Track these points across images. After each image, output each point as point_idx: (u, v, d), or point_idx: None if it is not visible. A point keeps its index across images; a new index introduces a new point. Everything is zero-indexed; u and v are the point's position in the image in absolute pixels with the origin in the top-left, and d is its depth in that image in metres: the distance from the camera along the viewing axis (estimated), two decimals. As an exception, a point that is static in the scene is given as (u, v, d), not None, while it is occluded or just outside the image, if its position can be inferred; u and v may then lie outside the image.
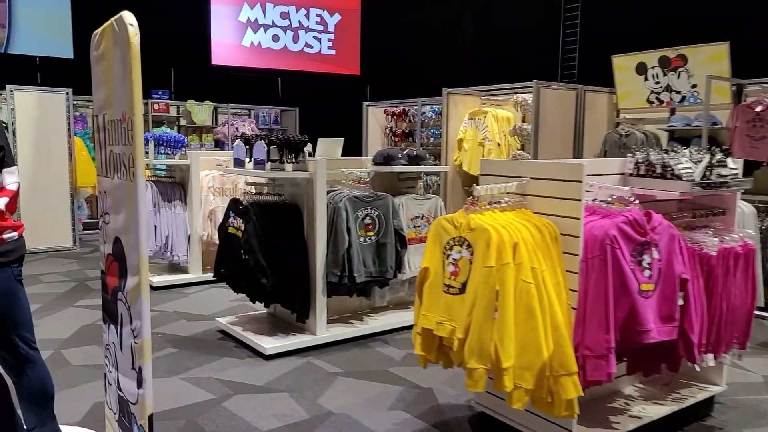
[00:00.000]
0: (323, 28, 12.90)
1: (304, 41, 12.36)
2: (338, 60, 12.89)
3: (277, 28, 12.11)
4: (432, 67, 11.80)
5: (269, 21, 12.06)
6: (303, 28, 12.53)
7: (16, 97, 7.16)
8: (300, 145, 4.08)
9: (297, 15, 12.34)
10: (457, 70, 10.72)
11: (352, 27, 13.15)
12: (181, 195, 5.94)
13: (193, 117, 10.07)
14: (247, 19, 11.68)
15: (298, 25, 12.51)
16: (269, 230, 4.02)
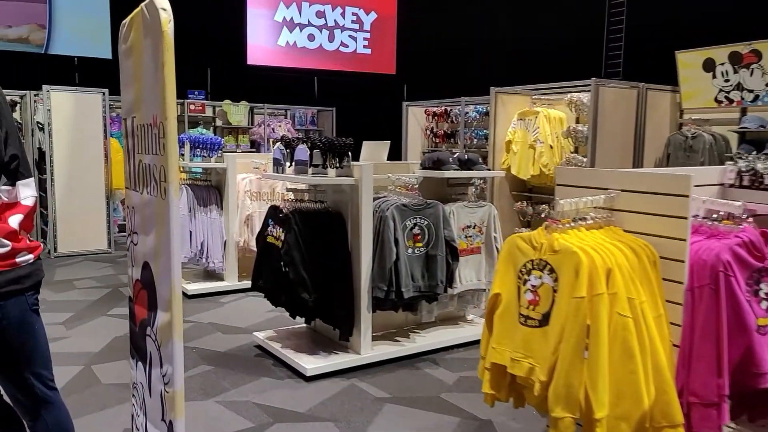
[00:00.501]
0: (359, 26, 12.76)
1: (340, 40, 12.23)
2: (374, 59, 12.75)
3: (313, 27, 12.01)
4: (472, 66, 11.43)
5: (305, 20, 11.97)
6: (339, 27, 12.42)
7: (53, 97, 7.05)
8: (345, 148, 3.77)
9: (333, 14, 12.18)
10: (497, 69, 10.33)
11: (388, 26, 13.01)
12: (217, 199, 5.71)
13: (229, 117, 9.89)
14: (282, 19, 11.59)
15: (334, 24, 12.41)
16: (311, 241, 3.72)
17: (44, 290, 5.39)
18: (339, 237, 3.83)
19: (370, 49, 12.72)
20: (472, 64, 11.31)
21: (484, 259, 4.35)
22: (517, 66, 9.96)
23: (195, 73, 10.55)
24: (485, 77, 7.39)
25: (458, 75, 11.42)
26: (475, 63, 11.26)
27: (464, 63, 11.42)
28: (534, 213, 6.33)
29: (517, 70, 9.01)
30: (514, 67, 9.88)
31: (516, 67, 9.95)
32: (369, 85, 12.35)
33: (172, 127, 1.41)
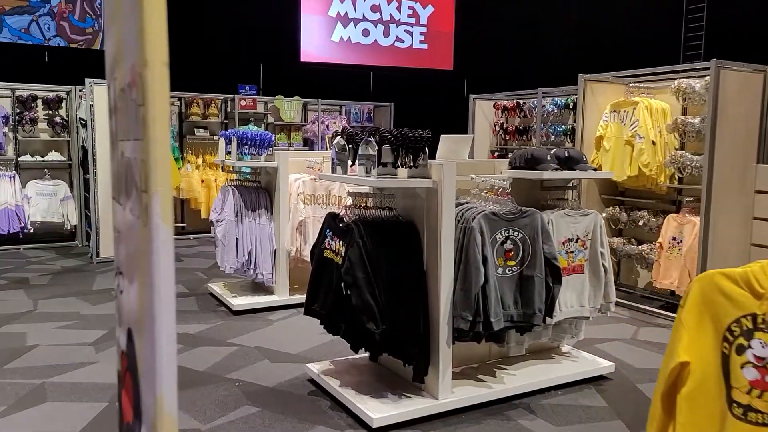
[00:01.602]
0: (415, 21, 12.29)
1: (395, 35, 11.74)
2: (431, 55, 12.24)
3: (368, 22, 11.58)
4: (538, 57, 10.58)
5: (359, 15, 11.55)
6: (394, 22, 11.97)
7: (96, 91, 6.60)
8: (421, 143, 3.02)
9: (388, 8, 11.69)
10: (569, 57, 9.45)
11: (446, 19, 12.46)
12: (267, 202, 5.07)
13: (282, 114, 9.32)
14: (337, 14, 11.18)
15: (389, 18, 11.97)
16: (379, 258, 2.99)
17: (80, 302, 4.87)
18: (412, 253, 3.09)
19: (427, 44, 12.24)
20: (538, 55, 10.45)
21: (588, 280, 3.52)
22: (584, 54, 9.07)
23: (247, 68, 10.12)
24: (557, 67, 6.59)
25: (525, 67, 10.54)
26: (540, 54, 10.40)
27: (526, 55, 10.59)
28: (629, 221, 5.42)
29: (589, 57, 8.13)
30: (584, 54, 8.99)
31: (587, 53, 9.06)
32: (426, 81, 11.71)
33: (158, 83, 0.69)
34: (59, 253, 7.24)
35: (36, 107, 7.63)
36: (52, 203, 7.56)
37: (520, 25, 11.22)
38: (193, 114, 8.58)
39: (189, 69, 9.34)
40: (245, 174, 5.37)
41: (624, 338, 4.38)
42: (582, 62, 7.14)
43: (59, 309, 4.90)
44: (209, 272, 6.30)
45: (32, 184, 7.50)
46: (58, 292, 5.43)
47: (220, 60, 9.82)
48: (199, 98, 8.64)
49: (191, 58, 9.39)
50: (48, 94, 7.64)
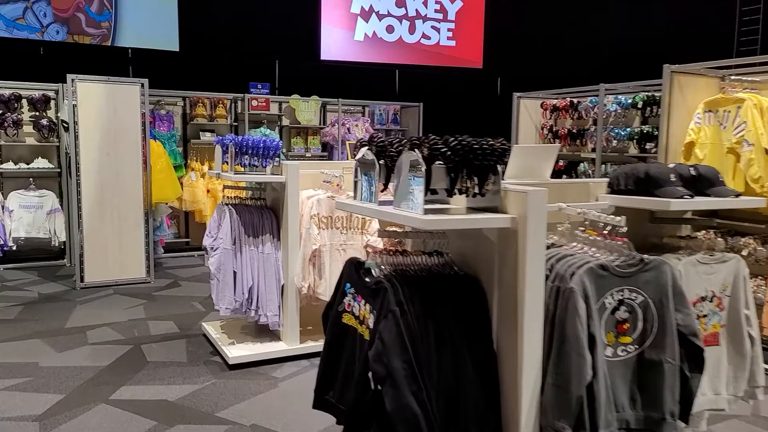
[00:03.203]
0: (443, 16, 11.59)
1: (421, 32, 11.01)
2: (459, 52, 11.48)
3: (392, 17, 10.84)
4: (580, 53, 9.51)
5: (384, 10, 10.79)
6: (420, 17, 11.22)
7: (80, 89, 5.66)
8: (492, 158, 1.95)
9: (414, 3, 10.97)
10: (603, 55, 8.38)
11: (475, 14, 11.64)
12: (273, 226, 4.05)
13: (298, 115, 8.32)
14: (360, 9, 10.41)
15: (415, 13, 11.27)
16: (428, 336, 1.94)
17: (44, 346, 3.88)
18: (478, 328, 2.03)
19: (455, 40, 11.45)
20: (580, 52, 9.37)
21: (726, 356, 2.43)
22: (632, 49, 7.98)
23: (260, 65, 9.18)
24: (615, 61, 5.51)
25: (574, 63, 9.42)
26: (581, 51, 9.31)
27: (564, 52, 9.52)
28: (727, 248, 4.28)
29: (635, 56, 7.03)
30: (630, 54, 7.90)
31: (632, 51, 7.96)
32: (455, 79, 10.77)
33: None
34: (42, 275, 6.32)
35: (20, 108, 6.74)
36: (38, 217, 6.66)
37: (561, 17, 10.14)
38: (198, 115, 7.62)
39: (194, 65, 8.43)
40: (247, 189, 4.36)
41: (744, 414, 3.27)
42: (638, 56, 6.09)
43: (15, 357, 3.94)
44: (208, 304, 5.30)
45: (14, 195, 6.59)
46: (23, 331, 4.48)
47: (230, 56, 8.89)
48: (205, 98, 7.69)
49: (197, 52, 8.49)
50: (34, 93, 6.74)
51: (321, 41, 9.89)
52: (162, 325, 4.67)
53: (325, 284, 3.94)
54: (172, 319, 4.84)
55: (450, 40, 11.53)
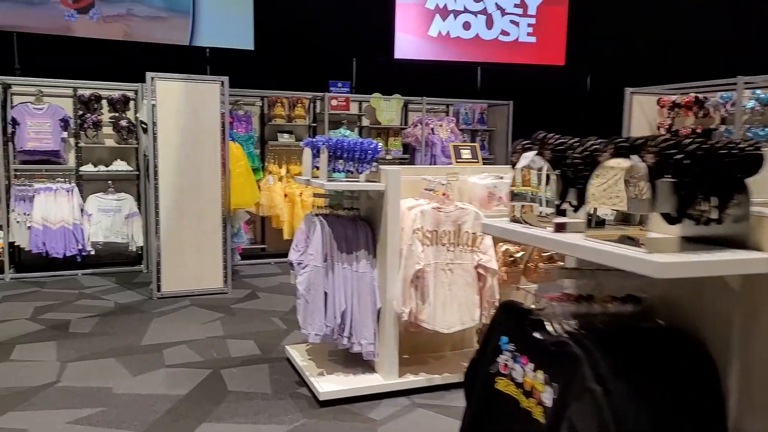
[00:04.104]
0: (523, 11, 10.79)
1: (500, 28, 10.33)
2: (539, 48, 10.75)
3: (469, 13, 10.25)
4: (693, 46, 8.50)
5: (460, 6, 10.22)
6: (499, 11, 10.45)
7: (159, 88, 5.36)
8: (745, 169, 1.33)
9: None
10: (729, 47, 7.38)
11: (558, 7, 10.83)
12: (369, 241, 3.53)
13: (378, 115, 7.84)
14: (435, 6, 9.91)
15: (495, 8, 10.52)
16: (639, 421, 1.34)
17: (119, 368, 3.33)
18: (709, 411, 1.41)
19: (536, 36, 10.67)
20: (697, 43, 8.36)
21: None
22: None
23: (340, 64, 8.79)
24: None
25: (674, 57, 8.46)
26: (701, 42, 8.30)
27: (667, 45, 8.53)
28: None
29: None
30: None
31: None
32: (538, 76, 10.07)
33: None
34: (120, 281, 6.10)
35: (100, 108, 6.57)
36: (116, 221, 6.46)
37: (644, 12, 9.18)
38: (276, 116, 7.25)
39: (270, 64, 8.12)
40: (337, 197, 3.87)
41: None
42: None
43: (89, 380, 3.60)
44: (289, 320, 4.87)
45: (93, 198, 6.42)
46: (98, 347, 4.17)
47: (305, 54, 8.54)
48: (284, 97, 7.31)
49: (271, 51, 8.18)
50: (113, 94, 6.56)
51: (395, 38, 9.45)
52: (242, 346, 4.26)
53: (429, 310, 3.38)
54: (252, 338, 4.42)
55: (530, 36, 10.82)
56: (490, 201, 3.64)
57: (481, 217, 3.48)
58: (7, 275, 6.05)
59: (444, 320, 3.42)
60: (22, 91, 6.32)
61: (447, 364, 3.79)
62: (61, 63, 7.25)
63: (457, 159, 3.92)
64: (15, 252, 6.29)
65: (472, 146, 3.97)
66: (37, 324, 4.66)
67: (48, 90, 6.34)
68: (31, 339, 4.32)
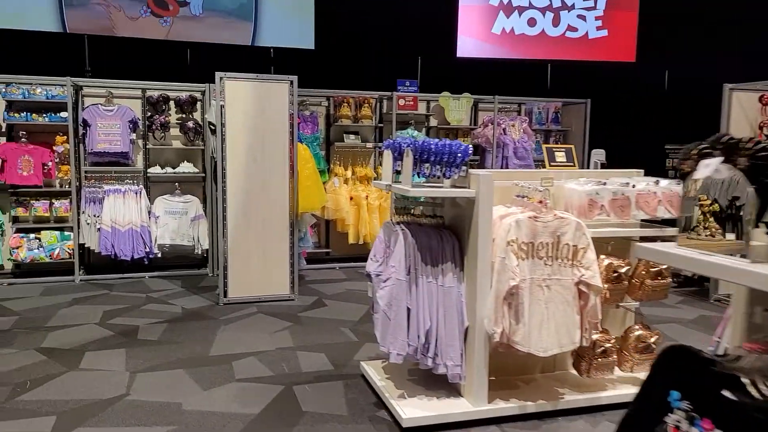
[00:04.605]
0: (593, 4, 10.22)
1: (567, 23, 9.82)
2: (609, 43, 10.18)
3: (535, 9, 9.84)
4: None
5: (525, 2, 9.75)
6: (566, 8, 9.99)
7: (227, 88, 5.21)
8: None
9: None
10: None
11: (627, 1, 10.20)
12: (455, 252, 3.22)
13: (447, 115, 7.51)
14: (499, 2, 9.53)
15: (561, 4, 10.02)
16: None
17: (188, 380, 3.07)
18: None
19: (606, 30, 10.11)
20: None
21: None
22: None
23: (405, 62, 8.53)
24: None
25: None
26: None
27: None
28: None
29: None
30: None
31: None
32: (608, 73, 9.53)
33: None
34: (186, 285, 6.01)
35: (168, 110, 6.52)
36: (182, 223, 6.39)
37: None
38: (342, 116, 7.04)
39: (334, 63, 7.94)
40: (416, 205, 3.57)
41: None
42: None
43: (158, 394, 3.44)
44: (360, 332, 4.62)
45: (160, 200, 6.38)
46: (166, 357, 4.03)
47: (367, 53, 8.33)
48: (350, 97, 7.09)
49: (335, 50, 8.01)
50: (181, 95, 6.50)
51: (457, 37, 9.12)
52: (313, 359, 4.02)
53: (524, 330, 3.04)
54: (323, 351, 4.18)
55: (599, 30, 10.27)
56: (591, 210, 3.26)
57: (583, 227, 3.12)
58: (77, 277, 6.06)
59: (540, 342, 3.08)
60: (93, 93, 6.34)
61: (538, 388, 3.44)
62: (129, 64, 7.30)
63: (550, 162, 3.55)
64: (85, 253, 6.31)
65: (567, 148, 3.59)
66: (106, 329, 4.57)
67: (117, 92, 6.33)
68: (100, 345, 4.23)
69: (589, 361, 3.34)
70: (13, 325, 4.63)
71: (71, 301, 5.34)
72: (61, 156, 6.11)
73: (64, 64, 7.14)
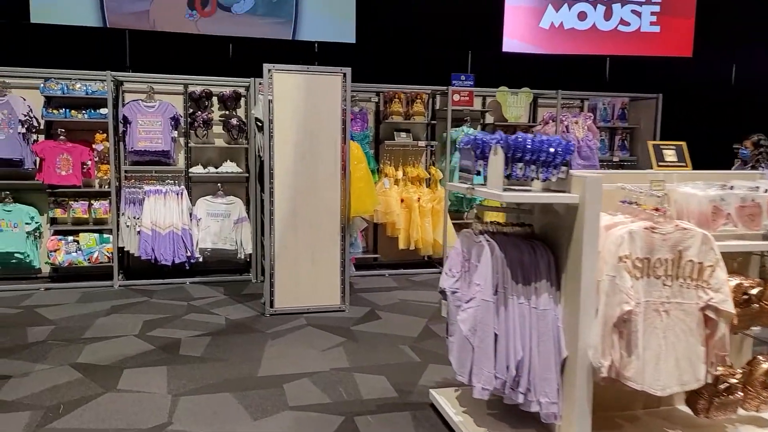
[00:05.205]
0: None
1: (619, 17, 9.38)
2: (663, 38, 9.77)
3: (585, 3, 9.36)
4: None
5: None
6: (618, 1, 9.45)
7: (276, 81, 4.81)
8: None
9: None
10: None
11: None
12: (550, 268, 2.72)
13: (505, 111, 6.98)
14: None
15: None
16: None
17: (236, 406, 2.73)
18: None
19: (659, 25, 9.56)
20: None
21: None
22: None
23: (452, 56, 8.08)
24: None
25: None
26: None
27: None
28: None
29: None
30: None
31: None
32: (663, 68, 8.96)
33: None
34: (228, 293, 5.64)
35: (210, 106, 6.17)
36: (225, 226, 6.03)
37: None
38: (393, 113, 6.57)
39: (380, 56, 7.53)
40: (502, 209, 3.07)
41: None
42: None
43: (204, 425, 3.03)
44: (422, 349, 4.15)
45: (202, 201, 6.03)
46: (212, 377, 3.63)
47: (414, 47, 7.92)
48: (401, 92, 6.62)
49: (379, 43, 7.62)
50: (224, 90, 6.14)
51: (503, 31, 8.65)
52: (373, 383, 3.58)
53: (637, 364, 2.53)
54: (382, 373, 3.73)
55: (653, 25, 9.75)
56: (715, 219, 2.73)
57: (711, 240, 2.58)
58: (116, 282, 5.75)
59: (657, 379, 2.55)
60: (134, 88, 6.02)
61: (643, 428, 2.92)
62: (169, 60, 7.02)
63: (658, 162, 3.02)
64: (124, 257, 6.01)
65: (677, 146, 3.06)
66: (146, 343, 4.21)
67: (158, 87, 6.00)
68: (139, 362, 3.86)
69: (709, 399, 2.79)
70: (48, 336, 4.31)
71: (109, 309, 5.01)
72: (100, 154, 5.81)
73: (103, 59, 6.89)
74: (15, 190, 5.70)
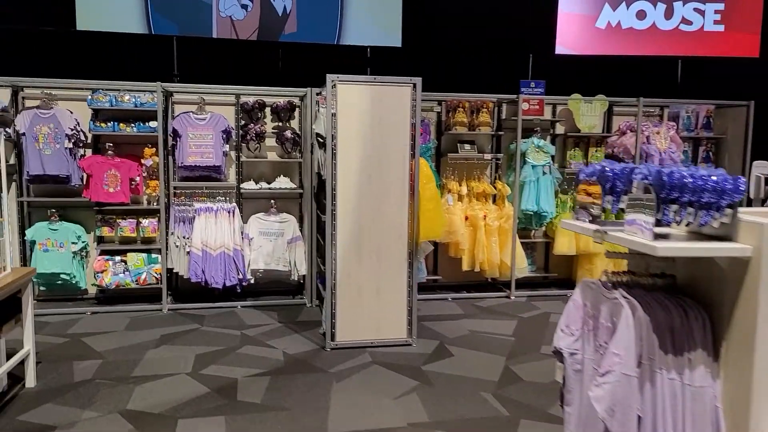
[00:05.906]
0: None
1: (681, 15, 8.75)
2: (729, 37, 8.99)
3: (645, 1, 8.82)
4: None
5: None
6: None
7: (340, 93, 4.37)
8: None
9: None
10: None
11: None
12: (705, 334, 2.19)
13: (578, 121, 6.40)
14: None
15: None
16: None
17: None
18: None
19: (724, 24, 8.95)
20: None
21: None
22: None
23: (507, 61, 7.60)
24: None
25: None
26: None
27: None
28: None
29: None
30: None
31: None
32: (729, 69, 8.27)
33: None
34: (283, 319, 5.24)
35: (263, 117, 5.78)
36: (278, 246, 5.64)
37: None
38: (457, 123, 6.06)
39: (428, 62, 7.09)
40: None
41: None
42: None
43: (273, 499, 2.60)
44: (507, 398, 3.64)
45: (254, 219, 5.64)
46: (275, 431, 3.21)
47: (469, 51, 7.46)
48: (466, 101, 6.11)
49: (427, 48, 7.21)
50: (278, 101, 5.74)
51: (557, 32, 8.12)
52: (461, 445, 3.09)
53: (830, 464, 1.97)
54: (468, 430, 3.24)
55: (717, 24, 9.11)
56: None
57: None
58: (164, 306, 5.41)
59: None
60: (183, 99, 5.68)
61: None
62: (216, 68, 6.72)
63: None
64: (172, 278, 5.67)
65: None
66: (201, 384, 3.82)
67: (209, 98, 5.64)
68: (195, 409, 3.46)
69: None
70: (95, 374, 3.96)
71: (159, 339, 4.65)
72: (149, 170, 5.48)
73: (149, 68, 6.61)
74: (61, 207, 5.41)
